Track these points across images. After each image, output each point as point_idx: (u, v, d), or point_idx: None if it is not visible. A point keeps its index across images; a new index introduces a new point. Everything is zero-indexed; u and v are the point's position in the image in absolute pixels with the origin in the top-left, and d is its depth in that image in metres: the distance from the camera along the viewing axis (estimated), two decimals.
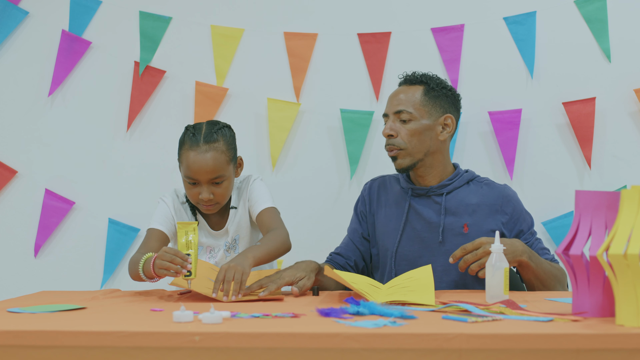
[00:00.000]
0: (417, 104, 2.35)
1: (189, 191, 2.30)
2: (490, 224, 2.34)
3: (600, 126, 2.77)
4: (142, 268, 2.10)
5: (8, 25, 2.88)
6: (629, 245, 1.46)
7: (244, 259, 2.05)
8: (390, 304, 1.77)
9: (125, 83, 2.88)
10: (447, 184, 2.38)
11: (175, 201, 2.38)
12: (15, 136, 2.90)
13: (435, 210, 2.36)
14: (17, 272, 2.89)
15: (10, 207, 2.90)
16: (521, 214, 2.38)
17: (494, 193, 2.38)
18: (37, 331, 1.46)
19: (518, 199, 2.40)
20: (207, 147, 2.27)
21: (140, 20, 2.87)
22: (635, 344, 1.38)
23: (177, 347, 1.42)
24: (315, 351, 1.40)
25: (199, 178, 2.26)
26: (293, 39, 2.86)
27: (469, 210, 2.35)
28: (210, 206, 2.30)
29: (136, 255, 2.22)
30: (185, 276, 1.98)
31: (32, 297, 2.12)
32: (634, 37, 2.78)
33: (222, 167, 2.28)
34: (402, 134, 2.34)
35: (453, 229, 2.33)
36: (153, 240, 2.29)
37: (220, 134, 2.30)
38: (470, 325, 1.48)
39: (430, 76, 2.41)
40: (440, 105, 2.37)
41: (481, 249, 2.12)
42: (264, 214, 2.32)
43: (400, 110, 2.35)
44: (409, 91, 2.38)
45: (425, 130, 2.34)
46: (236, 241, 2.38)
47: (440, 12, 2.84)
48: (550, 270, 2.28)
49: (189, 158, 2.27)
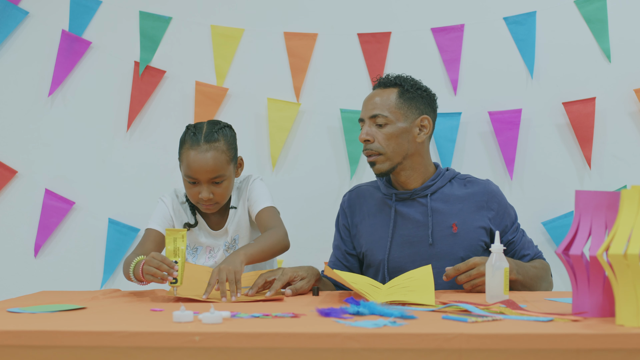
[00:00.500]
0: (393, 107, 2.33)
1: (189, 190, 2.30)
2: (478, 221, 2.33)
3: (600, 126, 2.77)
4: (132, 271, 2.11)
5: (8, 25, 2.88)
6: (629, 245, 1.46)
7: (236, 256, 2.05)
8: (390, 304, 1.77)
9: (125, 83, 2.88)
10: (430, 184, 2.36)
11: (174, 201, 2.38)
12: (15, 136, 2.90)
13: (422, 213, 2.34)
14: (17, 272, 2.89)
15: (10, 207, 2.90)
16: (506, 208, 2.38)
17: (478, 189, 2.37)
18: (37, 331, 1.46)
19: (502, 194, 2.40)
20: (207, 147, 2.26)
21: (140, 20, 2.87)
22: (635, 344, 1.38)
23: (177, 347, 1.42)
24: (315, 351, 1.40)
25: (199, 177, 2.26)
26: (293, 39, 2.86)
27: (455, 209, 2.34)
28: (210, 206, 2.30)
29: (131, 256, 2.23)
30: (171, 283, 1.99)
31: (32, 297, 2.12)
32: (634, 37, 2.78)
33: (222, 167, 2.27)
34: (379, 139, 2.32)
35: (442, 229, 2.32)
36: (149, 242, 2.30)
37: (221, 133, 2.30)
38: (470, 325, 1.48)
39: (404, 78, 2.39)
40: (416, 106, 2.36)
41: (475, 270, 2.12)
42: (262, 214, 2.32)
43: (375, 114, 2.33)
44: (384, 94, 2.36)
45: (402, 133, 2.32)
46: (235, 241, 2.38)
47: (440, 12, 2.84)
48: (535, 274, 2.29)
49: (190, 157, 2.26)
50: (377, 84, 2.42)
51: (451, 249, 2.31)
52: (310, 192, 2.86)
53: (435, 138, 2.81)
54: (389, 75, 2.41)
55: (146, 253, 2.19)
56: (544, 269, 2.35)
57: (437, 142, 2.81)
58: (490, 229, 2.34)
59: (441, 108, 2.82)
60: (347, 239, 2.46)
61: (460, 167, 2.80)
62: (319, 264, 2.32)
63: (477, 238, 2.33)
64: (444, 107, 2.82)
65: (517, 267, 2.22)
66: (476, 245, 2.32)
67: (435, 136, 2.81)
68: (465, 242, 2.31)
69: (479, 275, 2.11)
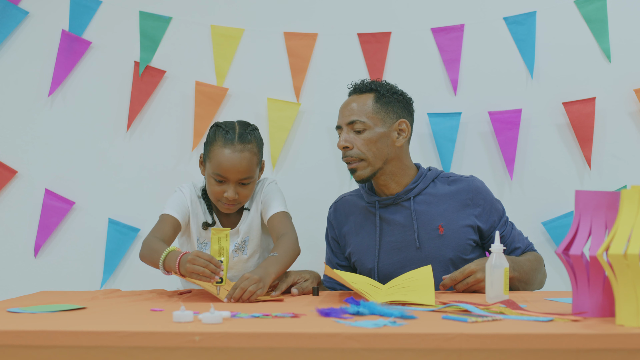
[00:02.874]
0: (370, 112, 2.32)
1: (212, 188, 2.29)
2: (464, 220, 2.33)
3: (600, 126, 2.77)
4: (163, 262, 2.09)
5: (8, 25, 2.88)
6: (629, 245, 1.46)
7: (267, 275, 2.04)
8: (390, 304, 1.77)
9: (125, 83, 2.88)
10: (412, 187, 2.35)
11: (192, 193, 2.37)
12: (15, 136, 2.90)
13: (407, 217, 2.34)
14: (17, 272, 2.88)
15: (10, 207, 2.90)
16: (492, 203, 2.38)
17: (462, 187, 2.36)
18: (37, 331, 1.46)
19: (487, 189, 2.40)
20: (242, 147, 2.26)
21: (140, 20, 2.87)
22: (635, 344, 1.38)
23: (177, 347, 1.42)
24: (315, 351, 1.40)
25: (229, 177, 2.26)
26: (293, 39, 2.86)
27: (440, 209, 2.33)
28: (232, 206, 2.30)
29: (151, 239, 2.21)
30: (216, 283, 1.99)
31: (32, 297, 2.12)
32: (634, 37, 2.78)
33: (252, 169, 2.28)
34: (358, 145, 2.31)
35: (428, 232, 2.32)
36: (168, 226, 2.27)
37: (253, 135, 2.31)
38: (470, 325, 1.48)
39: (379, 83, 2.38)
40: (393, 111, 2.35)
41: (472, 278, 2.12)
42: (275, 218, 2.32)
43: (353, 120, 2.31)
44: (360, 100, 2.35)
45: (381, 138, 2.32)
46: (245, 242, 2.38)
47: (440, 12, 2.84)
48: (530, 267, 2.30)
49: (222, 155, 2.26)
50: (352, 90, 2.40)
51: (439, 251, 2.31)
52: (310, 192, 2.86)
53: (435, 138, 2.81)
54: (364, 80, 2.41)
55: (166, 239, 2.20)
56: (537, 261, 2.36)
57: (437, 142, 2.81)
58: (477, 226, 2.34)
59: (441, 108, 2.83)
60: (337, 251, 2.47)
61: (460, 167, 2.81)
62: (319, 264, 2.32)
63: (464, 237, 2.32)
64: (444, 107, 2.82)
65: (513, 263, 2.22)
66: (464, 244, 2.32)
67: (435, 136, 2.81)
68: (452, 242, 2.31)
69: (477, 283, 2.11)
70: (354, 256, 2.40)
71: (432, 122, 2.81)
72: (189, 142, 2.87)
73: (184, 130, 2.88)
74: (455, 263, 2.30)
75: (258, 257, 2.41)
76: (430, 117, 2.81)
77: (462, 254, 2.31)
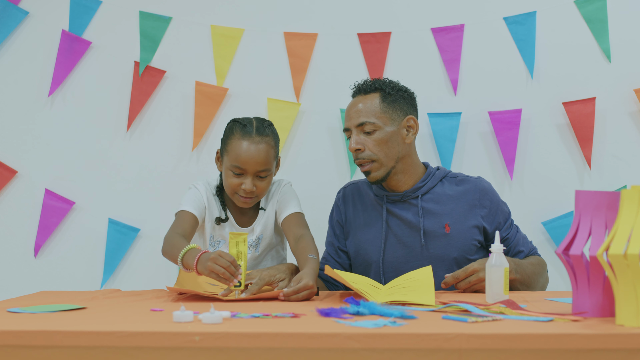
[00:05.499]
0: (378, 112, 2.31)
1: (230, 180, 2.30)
2: (471, 220, 2.33)
3: (600, 126, 2.77)
4: (182, 258, 2.09)
5: (8, 25, 2.88)
6: (629, 245, 1.46)
7: (309, 278, 2.03)
8: (390, 304, 1.77)
9: (125, 83, 2.88)
10: (420, 185, 2.35)
11: (207, 190, 2.38)
12: (15, 136, 2.90)
13: (414, 214, 2.33)
14: (17, 272, 2.88)
15: (10, 207, 2.90)
16: (498, 205, 2.38)
17: (470, 187, 2.36)
18: (37, 331, 1.46)
19: (494, 190, 2.40)
20: (260, 139, 2.29)
21: (140, 20, 2.87)
22: (635, 344, 1.38)
23: (177, 347, 1.42)
24: (315, 351, 1.40)
25: (247, 168, 2.27)
26: (293, 39, 2.86)
27: (447, 208, 2.33)
28: (249, 199, 2.31)
29: (172, 235, 2.21)
30: (235, 286, 2.00)
31: (32, 297, 2.12)
32: (634, 37, 2.78)
33: (270, 161, 2.30)
34: (370, 146, 2.29)
35: (434, 230, 2.32)
36: (187, 224, 2.28)
37: (270, 130, 2.34)
38: (470, 325, 1.48)
39: (383, 81, 2.36)
40: (400, 108, 2.34)
41: (474, 277, 2.12)
42: (292, 218, 2.33)
43: (362, 122, 2.30)
44: (366, 100, 2.33)
45: (391, 137, 2.31)
46: (259, 240, 2.40)
47: (440, 12, 2.84)
48: (532, 271, 2.29)
49: (241, 147, 2.28)
50: (356, 91, 2.38)
51: (444, 250, 2.31)
52: (310, 191, 2.86)
53: (435, 138, 2.81)
54: (367, 80, 2.39)
55: (186, 234, 2.21)
56: (540, 265, 2.36)
57: (437, 142, 2.81)
58: (483, 227, 2.34)
59: (441, 108, 2.83)
60: (340, 235, 2.46)
61: (460, 167, 2.80)
62: None
63: (470, 238, 2.32)
64: (444, 107, 2.82)
65: (516, 266, 2.22)
66: (469, 245, 2.32)
67: (435, 136, 2.81)
68: (458, 242, 2.31)
69: (479, 282, 2.11)
70: (358, 244, 2.39)
71: (432, 122, 2.81)
72: (189, 142, 2.87)
73: (184, 130, 2.88)
74: (459, 262, 2.30)
75: (267, 254, 2.44)
76: (430, 117, 2.81)
77: (467, 254, 2.31)
